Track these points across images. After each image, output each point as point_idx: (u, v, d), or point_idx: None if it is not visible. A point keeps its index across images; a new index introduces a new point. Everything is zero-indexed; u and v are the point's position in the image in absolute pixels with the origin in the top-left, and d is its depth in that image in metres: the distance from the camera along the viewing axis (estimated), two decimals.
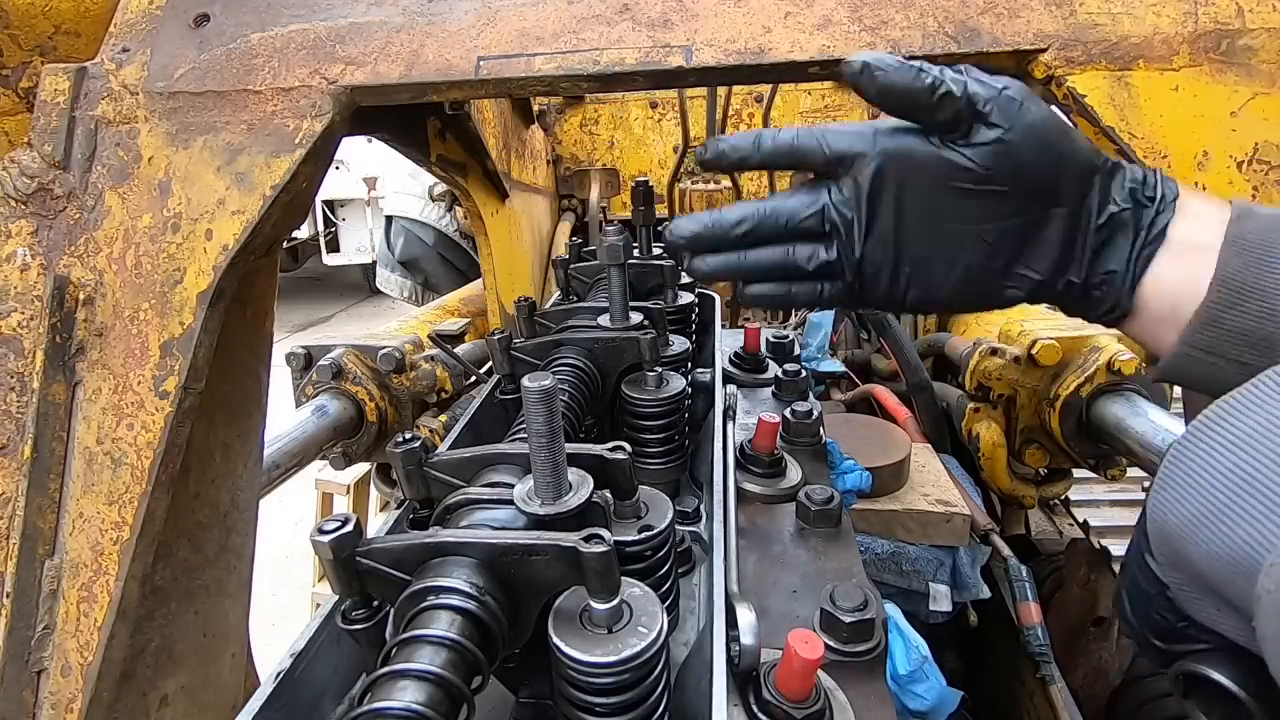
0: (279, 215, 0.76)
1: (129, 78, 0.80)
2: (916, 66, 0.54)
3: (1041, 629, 1.32)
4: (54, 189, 0.78)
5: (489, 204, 1.77)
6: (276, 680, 0.48)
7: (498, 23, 0.78)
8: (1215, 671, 0.44)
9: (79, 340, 0.75)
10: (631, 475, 0.56)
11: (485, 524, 0.51)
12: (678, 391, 0.79)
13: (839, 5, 0.74)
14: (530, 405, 0.48)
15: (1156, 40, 0.69)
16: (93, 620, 0.70)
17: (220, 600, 0.86)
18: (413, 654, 0.41)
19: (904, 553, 1.32)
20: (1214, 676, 0.44)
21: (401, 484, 0.58)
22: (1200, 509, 0.42)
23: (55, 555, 0.72)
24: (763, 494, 0.88)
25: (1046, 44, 0.70)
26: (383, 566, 0.47)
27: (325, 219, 7.88)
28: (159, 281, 0.75)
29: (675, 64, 0.75)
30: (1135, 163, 0.68)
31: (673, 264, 1.05)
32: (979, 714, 1.48)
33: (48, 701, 0.70)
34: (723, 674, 0.48)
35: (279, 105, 0.77)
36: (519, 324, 0.85)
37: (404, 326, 1.88)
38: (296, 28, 0.80)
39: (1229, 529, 0.40)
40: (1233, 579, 0.40)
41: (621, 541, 0.52)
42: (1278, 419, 0.41)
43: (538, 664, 0.51)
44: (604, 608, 0.44)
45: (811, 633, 0.55)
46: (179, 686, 0.80)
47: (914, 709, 0.78)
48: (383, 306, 8.06)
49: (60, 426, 0.74)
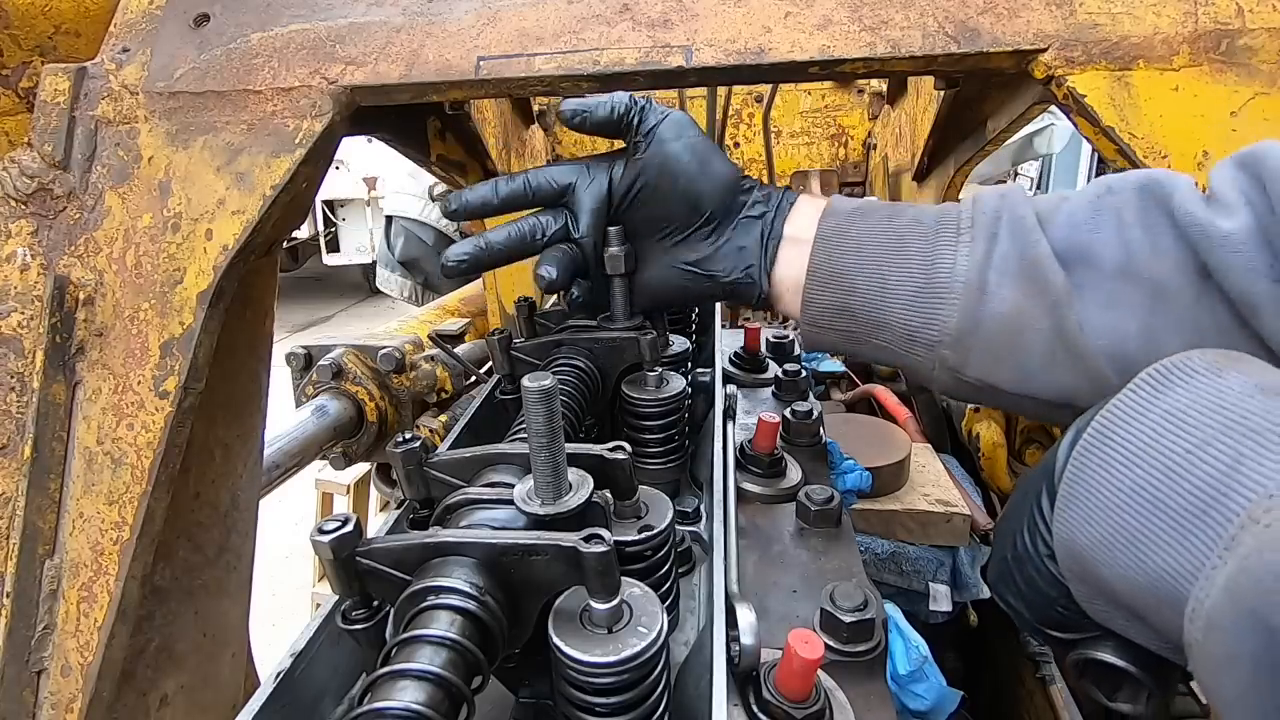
0: (279, 215, 0.76)
1: (129, 78, 0.80)
2: (608, 101, 0.69)
3: None
4: (54, 189, 0.78)
5: None
6: (276, 680, 0.48)
7: (498, 23, 0.78)
8: (1109, 655, 0.49)
9: (79, 340, 0.75)
10: (631, 475, 0.56)
11: (485, 524, 0.51)
12: (678, 391, 0.79)
13: (839, 5, 0.74)
14: (530, 405, 0.48)
15: (1156, 40, 0.69)
16: (93, 620, 0.70)
17: (220, 600, 0.86)
18: (413, 654, 0.41)
19: (904, 553, 1.32)
20: (1109, 660, 0.49)
21: (401, 484, 0.58)
22: (1109, 532, 0.42)
23: (55, 555, 0.72)
24: (763, 494, 0.88)
25: (1046, 44, 0.70)
26: (383, 566, 0.47)
27: (325, 219, 7.87)
28: (159, 281, 0.75)
29: (675, 64, 0.75)
30: (1136, 163, 0.68)
31: None
32: (979, 714, 1.48)
33: (48, 701, 0.70)
34: (723, 674, 0.48)
35: (279, 105, 0.77)
36: (519, 324, 0.85)
37: (404, 326, 1.88)
38: (296, 28, 0.80)
39: (1143, 555, 0.40)
40: (1156, 607, 0.40)
41: (621, 541, 0.52)
42: (1159, 427, 0.42)
43: (538, 664, 0.51)
44: (604, 608, 0.44)
45: (811, 633, 0.55)
46: (179, 686, 0.80)
47: (914, 709, 0.78)
48: (383, 306, 8.06)
49: (60, 426, 0.74)
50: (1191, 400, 0.41)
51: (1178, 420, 0.41)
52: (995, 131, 1.30)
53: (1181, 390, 0.42)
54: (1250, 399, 0.39)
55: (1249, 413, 0.38)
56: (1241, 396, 0.39)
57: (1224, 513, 0.36)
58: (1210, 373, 0.42)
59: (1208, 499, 0.37)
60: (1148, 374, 0.44)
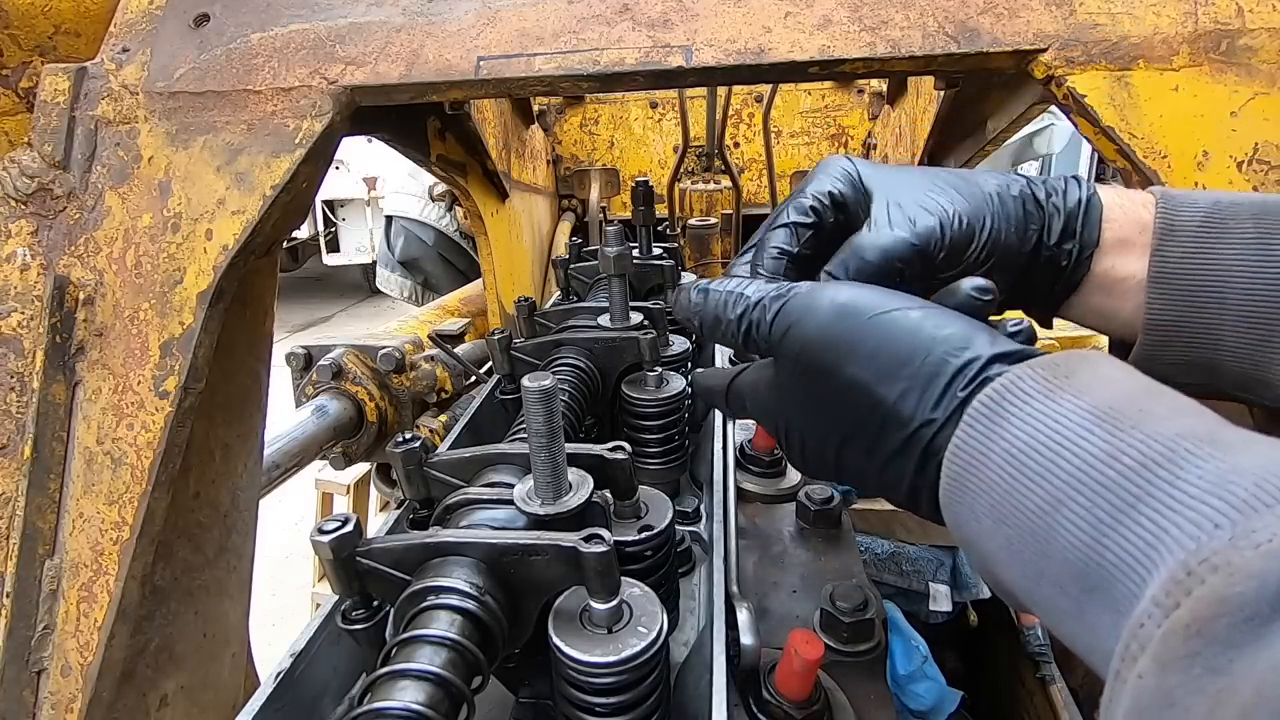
0: (279, 215, 0.76)
1: (129, 78, 0.80)
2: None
3: (1041, 629, 1.32)
4: (54, 189, 0.78)
5: (489, 204, 1.77)
6: (276, 680, 0.48)
7: (498, 23, 0.78)
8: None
9: (79, 340, 0.75)
10: (631, 475, 0.56)
11: (485, 524, 0.51)
12: (678, 391, 0.79)
13: (839, 5, 0.74)
14: (530, 405, 0.48)
15: (1156, 40, 0.69)
16: (93, 620, 0.70)
17: (220, 600, 0.86)
18: (413, 654, 0.41)
19: (904, 553, 1.32)
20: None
21: (401, 484, 0.58)
22: (1009, 580, 0.38)
23: (55, 555, 0.72)
24: (763, 494, 0.88)
25: (1046, 44, 0.70)
26: (383, 566, 0.47)
27: (325, 219, 7.87)
28: (159, 281, 0.75)
29: (675, 64, 0.75)
30: (1136, 163, 0.68)
31: (673, 264, 1.05)
32: (979, 714, 1.48)
33: (48, 701, 0.70)
34: (723, 674, 0.48)
35: (279, 105, 0.77)
36: (519, 324, 0.85)
37: (404, 326, 1.88)
38: (296, 28, 0.80)
39: (1046, 616, 0.36)
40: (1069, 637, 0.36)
41: (621, 541, 0.52)
42: (1005, 475, 0.37)
43: (538, 664, 0.51)
44: (604, 608, 0.44)
45: (811, 633, 0.55)
46: (179, 686, 0.80)
47: (914, 709, 0.78)
48: (383, 306, 8.06)
49: (60, 426, 0.74)
50: (1029, 437, 0.36)
51: (1020, 466, 0.36)
52: (995, 131, 1.30)
53: (1017, 423, 0.37)
54: (1089, 436, 0.34)
55: (1091, 459, 0.34)
56: (1080, 433, 0.35)
57: (1111, 599, 0.32)
58: (1043, 395, 0.37)
59: (1087, 578, 0.33)
60: (980, 402, 0.39)
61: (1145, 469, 0.32)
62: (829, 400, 0.47)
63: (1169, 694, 0.27)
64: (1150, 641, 0.28)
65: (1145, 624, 0.29)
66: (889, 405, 0.43)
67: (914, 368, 0.42)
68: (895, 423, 0.43)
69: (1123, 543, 0.31)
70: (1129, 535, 0.31)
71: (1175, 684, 0.27)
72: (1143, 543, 0.31)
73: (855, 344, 0.44)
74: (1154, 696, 0.27)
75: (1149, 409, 0.35)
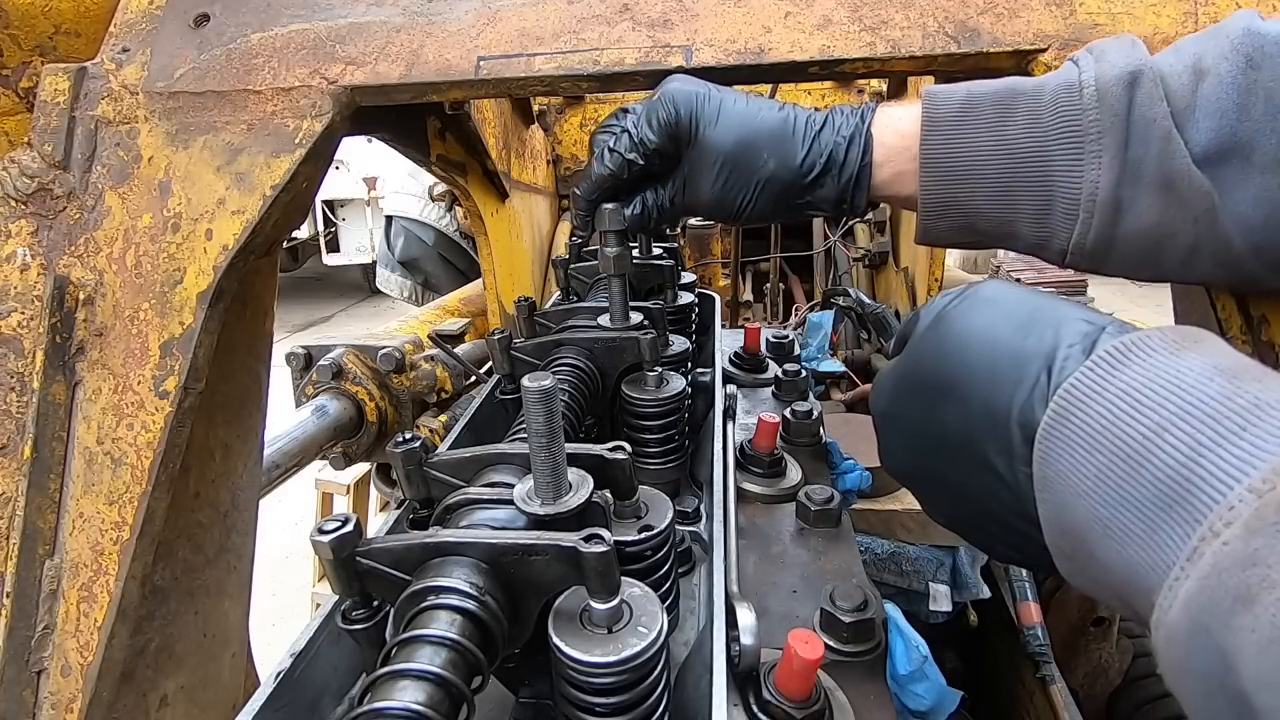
0: (279, 215, 0.76)
1: (129, 78, 0.80)
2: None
3: (1041, 629, 1.32)
4: (54, 189, 0.78)
5: (489, 204, 1.77)
6: (276, 680, 0.48)
7: (498, 23, 0.78)
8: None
9: (79, 340, 0.75)
10: (631, 475, 0.56)
11: (485, 524, 0.51)
12: (678, 391, 0.79)
13: (839, 5, 0.74)
14: (530, 405, 0.48)
15: (1156, 40, 0.69)
16: (93, 620, 0.70)
17: (220, 600, 0.86)
18: (412, 654, 0.41)
19: (904, 553, 1.32)
20: None
21: (401, 484, 0.58)
22: (1083, 520, 0.41)
23: (55, 555, 0.72)
24: (763, 494, 0.88)
25: (1046, 44, 0.70)
26: (383, 566, 0.47)
27: (325, 219, 7.87)
28: (159, 281, 0.75)
29: (675, 64, 0.75)
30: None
31: (672, 264, 1.04)
32: (979, 714, 1.48)
33: (48, 701, 0.70)
34: (723, 674, 0.47)
35: (279, 105, 0.77)
36: (519, 324, 0.85)
37: (404, 326, 1.88)
38: (296, 28, 0.80)
39: (1117, 547, 0.39)
40: (1135, 596, 0.39)
41: (621, 541, 0.52)
42: (1115, 408, 0.40)
43: (538, 664, 0.51)
44: (604, 608, 0.44)
45: (811, 633, 0.55)
46: (179, 686, 0.80)
47: (914, 709, 0.78)
48: (383, 306, 8.06)
49: (60, 426, 0.74)
50: (1148, 379, 0.40)
51: (1134, 400, 0.40)
52: None
53: (1139, 368, 0.41)
54: (1209, 381, 0.38)
55: (1206, 396, 0.37)
56: (1200, 378, 0.38)
57: (1189, 510, 0.35)
58: (1169, 351, 0.41)
59: (1171, 494, 0.36)
60: (1105, 351, 0.43)
61: (1256, 410, 0.35)
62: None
63: (1253, 554, 0.31)
64: (1239, 518, 0.32)
65: (1236, 506, 0.33)
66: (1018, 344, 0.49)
67: (1047, 325, 0.49)
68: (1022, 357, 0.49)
69: (1219, 460, 0.35)
70: (1226, 454, 0.35)
71: (1260, 545, 0.31)
72: (1237, 459, 0.34)
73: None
74: (1237, 557, 0.31)
75: (1267, 376, 0.38)
